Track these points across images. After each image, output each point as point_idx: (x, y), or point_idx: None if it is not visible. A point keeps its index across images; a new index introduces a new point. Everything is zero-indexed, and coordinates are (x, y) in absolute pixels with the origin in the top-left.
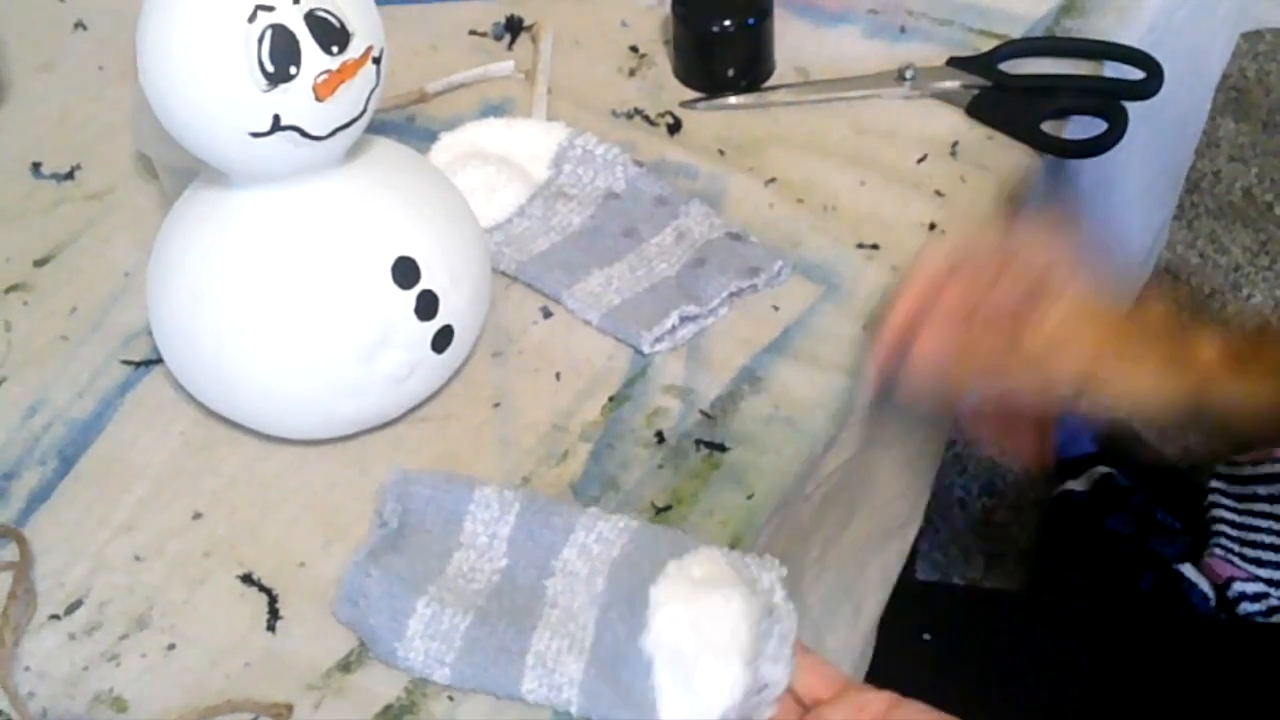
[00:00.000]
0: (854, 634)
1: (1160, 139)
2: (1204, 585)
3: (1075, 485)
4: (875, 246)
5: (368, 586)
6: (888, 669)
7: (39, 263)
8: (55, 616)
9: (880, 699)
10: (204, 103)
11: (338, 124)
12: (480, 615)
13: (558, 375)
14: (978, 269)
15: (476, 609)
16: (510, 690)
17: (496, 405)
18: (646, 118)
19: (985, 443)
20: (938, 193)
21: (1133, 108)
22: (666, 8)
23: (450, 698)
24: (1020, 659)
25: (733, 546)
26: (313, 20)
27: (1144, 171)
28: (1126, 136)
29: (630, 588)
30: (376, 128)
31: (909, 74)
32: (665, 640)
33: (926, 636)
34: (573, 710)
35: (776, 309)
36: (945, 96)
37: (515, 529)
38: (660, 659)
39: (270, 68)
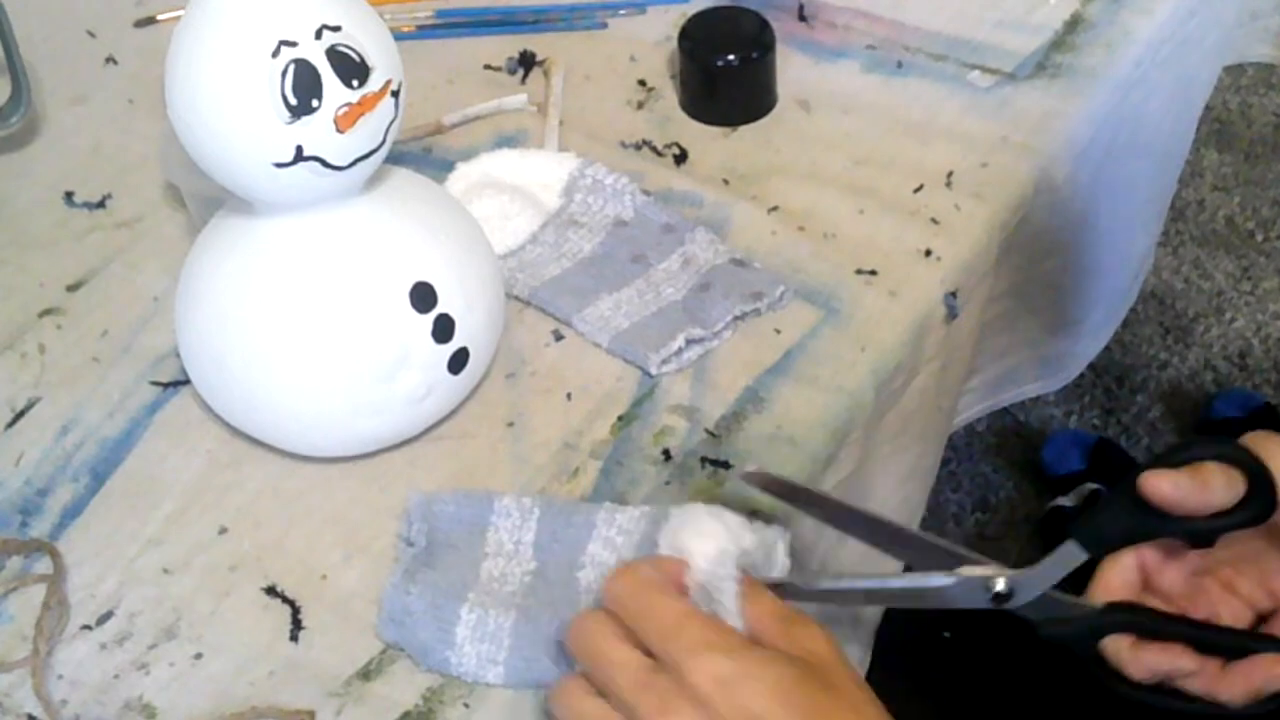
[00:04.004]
0: (853, 643)
1: (1146, 168)
2: None
3: (1065, 501)
4: (873, 272)
5: (410, 604)
6: (901, 665)
7: (71, 288)
8: (87, 627)
9: None
10: (229, 134)
11: (358, 155)
12: (522, 612)
13: (569, 395)
14: None
15: (517, 607)
16: None
17: (510, 424)
18: (654, 148)
19: None
20: (934, 220)
21: (1120, 138)
22: (673, 43)
23: (466, 704)
24: (1013, 661)
25: None
26: (334, 55)
27: (1130, 199)
28: (1115, 166)
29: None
30: (395, 158)
31: None
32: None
33: (946, 634)
34: None
35: (778, 332)
36: None
37: (538, 533)
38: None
39: (293, 101)
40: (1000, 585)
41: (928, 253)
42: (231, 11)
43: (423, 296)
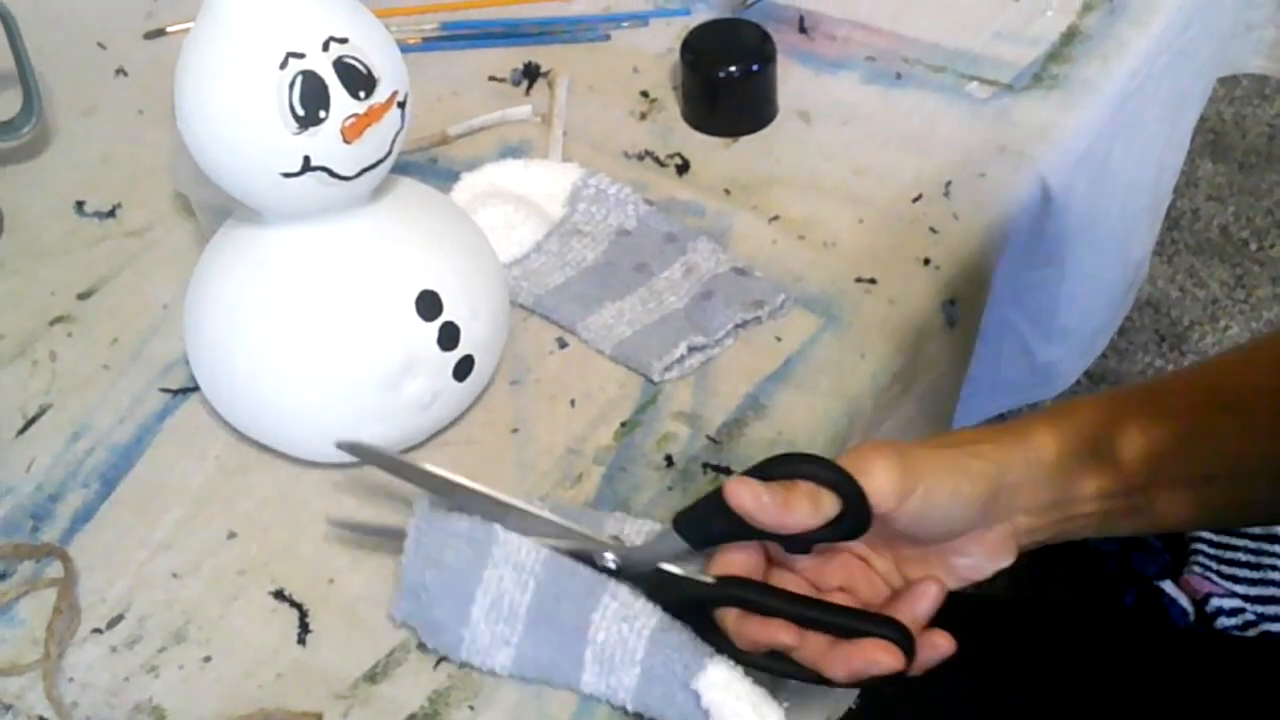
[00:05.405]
0: None
1: (1142, 178)
2: (1183, 601)
3: None
4: (873, 281)
5: (427, 580)
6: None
7: (82, 296)
8: (98, 630)
9: None
10: (238, 145)
11: (365, 165)
12: (538, 589)
13: (572, 402)
14: None
15: (535, 578)
16: (568, 681)
17: (515, 431)
18: (656, 159)
19: None
20: (932, 229)
21: (1116, 148)
22: (675, 55)
23: (471, 707)
24: (1012, 666)
25: None
26: (341, 67)
27: (1126, 209)
28: (1111, 176)
29: (678, 640)
30: (401, 168)
31: None
32: (719, 694)
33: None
34: (629, 706)
35: (779, 340)
36: None
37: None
38: (714, 700)
39: (301, 112)
40: (609, 560)
41: (926, 261)
42: (240, 24)
43: (428, 305)
